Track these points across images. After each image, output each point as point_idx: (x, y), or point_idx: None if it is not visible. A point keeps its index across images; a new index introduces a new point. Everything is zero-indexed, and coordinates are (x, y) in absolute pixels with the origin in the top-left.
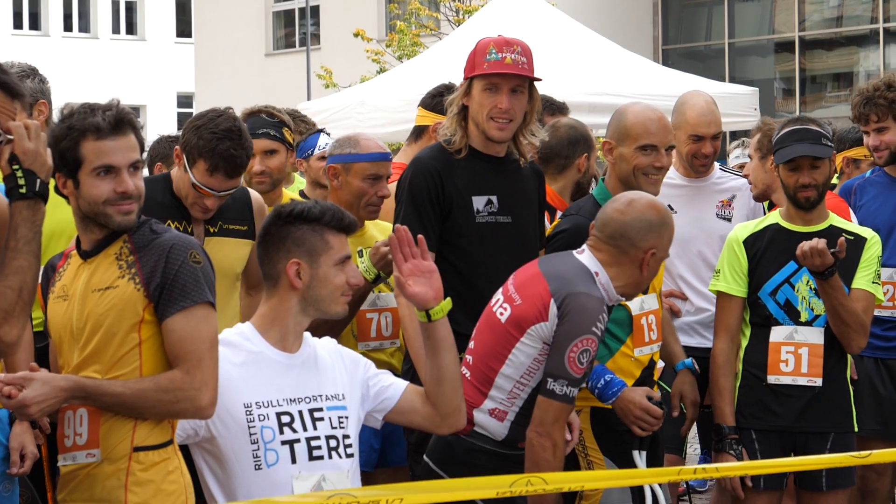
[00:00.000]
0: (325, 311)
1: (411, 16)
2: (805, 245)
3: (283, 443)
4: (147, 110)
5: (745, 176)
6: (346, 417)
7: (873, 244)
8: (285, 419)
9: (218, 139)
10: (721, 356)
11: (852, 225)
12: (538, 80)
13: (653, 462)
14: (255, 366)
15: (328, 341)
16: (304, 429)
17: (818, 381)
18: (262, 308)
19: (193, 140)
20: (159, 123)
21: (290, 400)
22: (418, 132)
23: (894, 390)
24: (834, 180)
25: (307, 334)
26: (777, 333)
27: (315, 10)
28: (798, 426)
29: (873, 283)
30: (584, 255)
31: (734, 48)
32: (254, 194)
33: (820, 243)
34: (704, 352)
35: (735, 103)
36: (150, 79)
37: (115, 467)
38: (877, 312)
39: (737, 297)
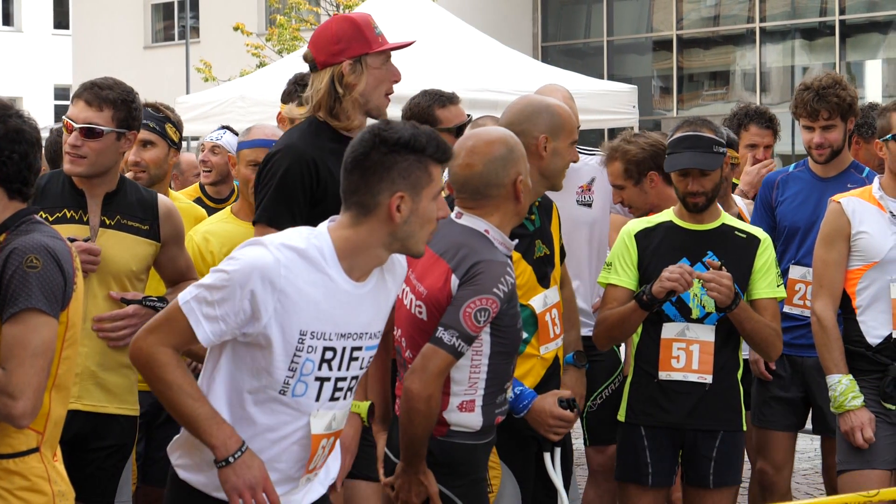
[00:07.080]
0: (410, 249)
1: (291, 10)
2: (712, 287)
3: (317, 378)
4: (23, 102)
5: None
6: (374, 356)
7: (766, 248)
8: (328, 355)
9: (95, 80)
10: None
11: (744, 224)
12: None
13: (563, 465)
14: (323, 290)
15: (398, 263)
16: (339, 368)
17: (708, 378)
18: (346, 232)
19: None
20: (36, 116)
21: (341, 335)
22: None
23: (797, 387)
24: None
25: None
26: (668, 330)
27: (194, 3)
28: (687, 423)
29: (777, 286)
30: (465, 219)
31: (613, 46)
32: (163, 199)
33: (713, 272)
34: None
35: (613, 100)
36: (27, 70)
37: None
38: (786, 310)
39: (625, 288)
